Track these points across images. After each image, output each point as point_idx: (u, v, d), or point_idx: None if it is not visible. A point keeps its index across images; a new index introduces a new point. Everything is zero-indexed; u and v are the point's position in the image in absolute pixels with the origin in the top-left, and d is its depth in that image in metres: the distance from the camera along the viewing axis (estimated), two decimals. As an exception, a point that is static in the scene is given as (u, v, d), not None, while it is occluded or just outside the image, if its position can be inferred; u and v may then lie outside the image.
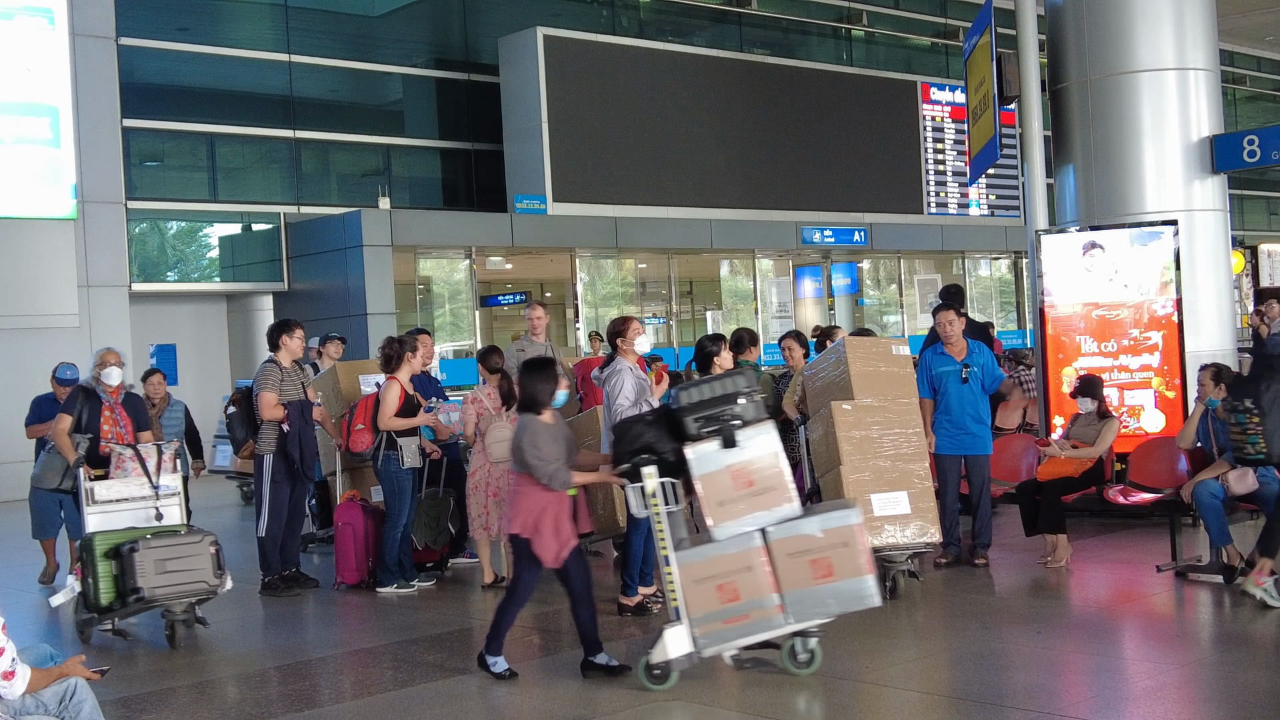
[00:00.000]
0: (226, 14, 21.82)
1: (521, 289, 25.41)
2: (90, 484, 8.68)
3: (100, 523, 8.56)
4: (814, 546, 6.73)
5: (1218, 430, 9.04)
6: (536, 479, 6.93)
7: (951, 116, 28.41)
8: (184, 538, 8.32)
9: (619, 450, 6.96)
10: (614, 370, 8.65)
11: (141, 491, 8.73)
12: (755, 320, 25.77)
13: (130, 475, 8.76)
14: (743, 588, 6.69)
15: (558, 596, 9.73)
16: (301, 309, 20.58)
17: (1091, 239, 11.48)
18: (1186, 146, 12.00)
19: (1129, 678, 6.94)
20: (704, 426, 6.83)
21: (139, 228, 20.44)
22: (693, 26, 26.64)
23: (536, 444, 6.91)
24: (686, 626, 6.69)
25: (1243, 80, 38.14)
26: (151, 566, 8.10)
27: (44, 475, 9.82)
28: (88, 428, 9.35)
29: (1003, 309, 30.55)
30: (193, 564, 8.23)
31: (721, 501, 6.80)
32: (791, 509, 6.85)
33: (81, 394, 9.55)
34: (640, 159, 23.36)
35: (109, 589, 8.24)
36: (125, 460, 8.81)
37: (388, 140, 23.07)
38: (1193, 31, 12.10)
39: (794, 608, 6.71)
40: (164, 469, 8.84)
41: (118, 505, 8.64)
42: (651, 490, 6.83)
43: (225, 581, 8.41)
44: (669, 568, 6.73)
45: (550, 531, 6.94)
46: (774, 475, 6.86)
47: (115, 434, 9.46)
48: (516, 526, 6.99)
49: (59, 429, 9.39)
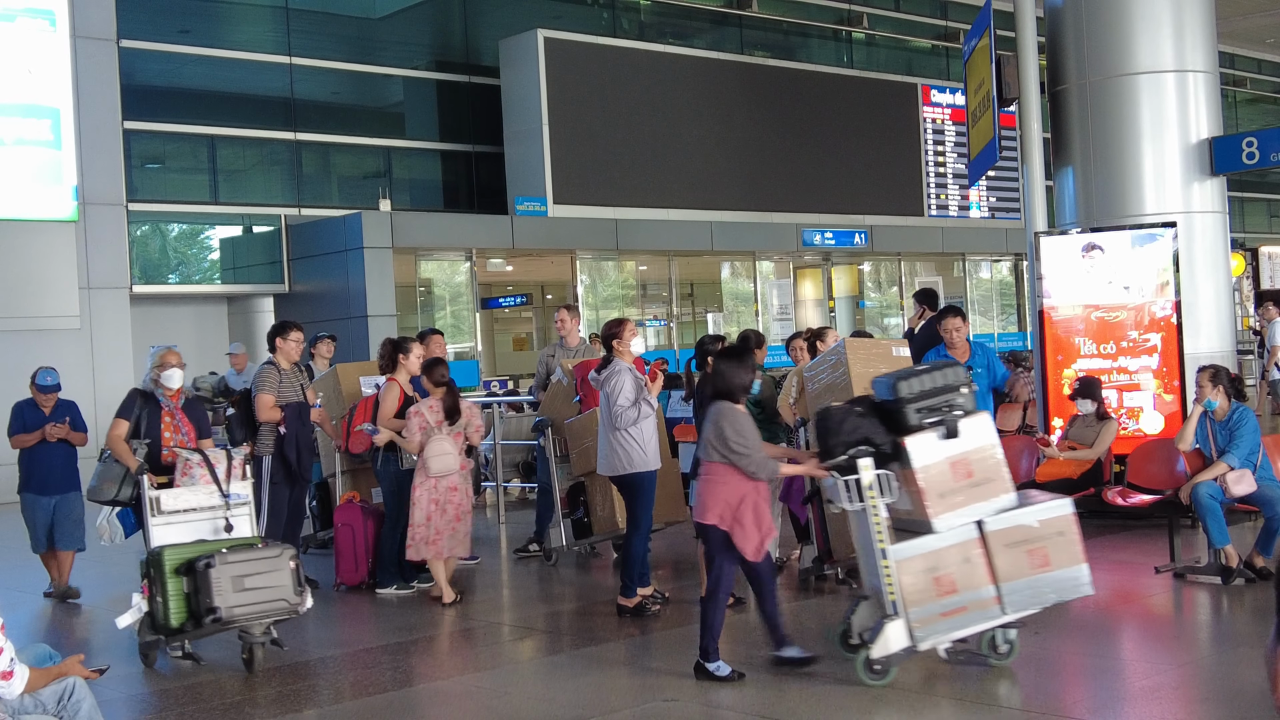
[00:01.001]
0: (227, 16, 21.85)
1: (522, 291, 25.43)
2: (155, 493, 7.96)
3: (167, 535, 7.83)
4: (1031, 536, 6.75)
5: (1216, 432, 9.06)
6: (742, 468, 6.78)
7: (952, 119, 28.42)
8: (262, 551, 7.63)
9: (832, 442, 6.78)
10: (613, 371, 8.67)
11: (211, 500, 8.01)
12: (756, 322, 25.79)
13: (198, 483, 8.03)
14: (960, 580, 6.67)
15: (558, 597, 9.76)
16: (302, 311, 20.59)
17: (1090, 240, 11.49)
18: (1185, 149, 12.02)
19: (1127, 678, 6.95)
20: (926, 417, 6.78)
21: (140, 229, 20.45)
22: (693, 29, 26.66)
23: (743, 432, 6.80)
24: (904, 620, 6.62)
25: (1243, 83, 38.14)
26: (229, 584, 7.38)
27: (101, 485, 8.75)
28: (146, 434, 8.50)
29: (1003, 311, 30.56)
30: (272, 580, 7.53)
31: (942, 493, 6.74)
32: (1009, 499, 6.84)
33: (139, 398, 8.67)
34: (641, 161, 23.38)
35: (180, 609, 7.49)
36: (192, 466, 8.06)
37: (388, 142, 23.08)
38: (1192, 34, 12.12)
39: (1010, 598, 6.70)
40: (234, 476, 8.12)
41: (185, 516, 7.94)
42: (869, 482, 6.72)
43: (306, 599, 7.74)
44: (885, 561, 6.63)
45: (752, 522, 6.82)
46: (993, 465, 6.85)
47: (177, 441, 8.59)
48: (713, 518, 6.81)
49: (114, 435, 8.49)
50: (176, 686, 7.55)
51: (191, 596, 7.44)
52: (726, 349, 7.28)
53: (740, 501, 6.81)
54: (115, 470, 8.53)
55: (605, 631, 8.30)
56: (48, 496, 10.41)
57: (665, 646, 7.91)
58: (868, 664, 6.62)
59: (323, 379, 11.54)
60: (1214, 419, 9.07)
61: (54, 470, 10.44)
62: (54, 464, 10.44)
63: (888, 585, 6.63)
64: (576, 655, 7.79)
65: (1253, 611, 8.10)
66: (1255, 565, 8.72)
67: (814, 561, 8.99)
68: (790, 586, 9.46)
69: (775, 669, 6.97)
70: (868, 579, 7.08)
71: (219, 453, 8.17)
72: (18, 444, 10.46)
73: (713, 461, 6.88)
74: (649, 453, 8.67)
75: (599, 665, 7.59)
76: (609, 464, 8.70)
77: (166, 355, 8.68)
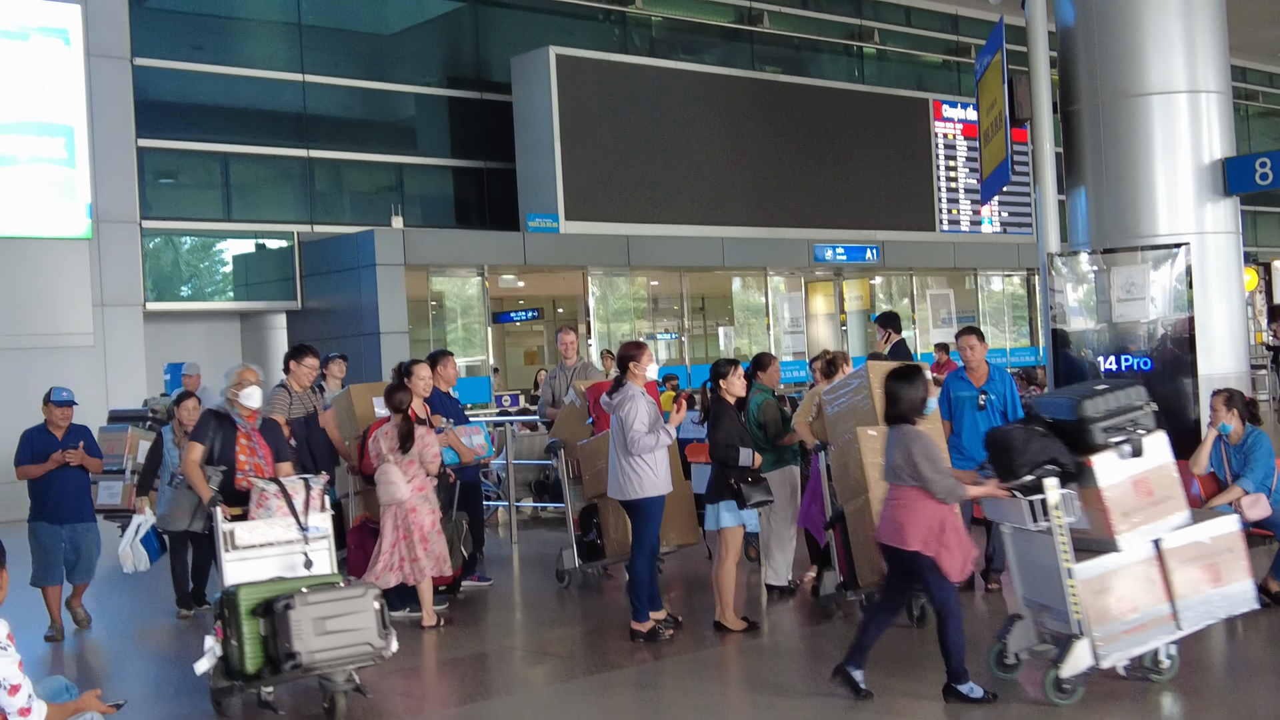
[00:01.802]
0: (240, 33, 21.93)
1: (534, 306, 25.45)
2: (229, 526, 7.38)
3: (242, 572, 7.27)
4: (1204, 553, 6.92)
5: (1230, 456, 9.03)
6: (933, 492, 6.78)
7: (963, 134, 28.41)
8: (344, 591, 7.10)
9: (1018, 463, 6.81)
10: (627, 396, 8.62)
11: (288, 534, 7.46)
12: (767, 336, 25.79)
13: (274, 514, 7.48)
14: (1140, 597, 6.81)
15: (570, 620, 9.75)
16: (315, 327, 20.64)
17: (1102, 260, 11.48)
18: (1198, 169, 11.99)
19: (1139, 703, 6.93)
20: (1111, 436, 6.86)
21: (153, 246, 20.52)
22: (704, 45, 26.70)
23: (933, 456, 6.82)
24: (1089, 639, 6.70)
25: (1255, 96, 38.09)
26: (310, 626, 6.84)
27: (172, 515, 8.31)
28: (221, 458, 7.86)
29: (1015, 324, 30.52)
30: (356, 623, 6.99)
31: (1126, 512, 6.86)
32: (1184, 516, 6.98)
33: (213, 419, 8.04)
34: (652, 177, 23.40)
35: (256, 652, 6.99)
36: (269, 497, 7.52)
37: (401, 159, 23.14)
38: (1204, 54, 12.09)
39: (1185, 614, 6.86)
40: (312, 507, 7.57)
41: (261, 551, 7.38)
42: (1055, 502, 6.76)
43: (391, 642, 7.20)
44: (1071, 581, 6.71)
45: (956, 544, 6.82)
46: (1171, 483, 7.00)
47: (253, 465, 7.95)
48: (916, 544, 6.77)
49: (189, 460, 7.82)
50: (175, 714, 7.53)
51: (269, 640, 6.94)
52: (895, 371, 7.24)
53: (942, 526, 6.81)
54: (188, 499, 8.09)
55: (618, 656, 8.29)
56: (61, 526, 9.83)
57: (679, 672, 7.90)
58: (1057, 683, 6.70)
59: (336, 400, 11.55)
60: (1228, 443, 9.05)
61: (68, 497, 9.87)
62: (68, 491, 9.86)
63: (1074, 605, 6.72)
64: (590, 681, 7.78)
65: (1268, 637, 8.07)
66: (1270, 590, 8.69)
67: (837, 588, 8.95)
68: (802, 609, 9.45)
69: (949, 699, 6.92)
70: (1027, 598, 7.15)
71: (297, 482, 7.66)
72: (24, 475, 9.80)
73: (904, 485, 6.88)
74: (660, 477, 8.67)
75: (612, 691, 7.58)
76: (620, 488, 8.69)
77: (245, 373, 8.11)
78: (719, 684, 7.82)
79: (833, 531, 8.96)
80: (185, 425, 10.31)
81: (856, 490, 8.68)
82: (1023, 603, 7.20)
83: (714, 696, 7.42)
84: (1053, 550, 6.79)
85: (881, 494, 8.51)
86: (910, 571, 6.90)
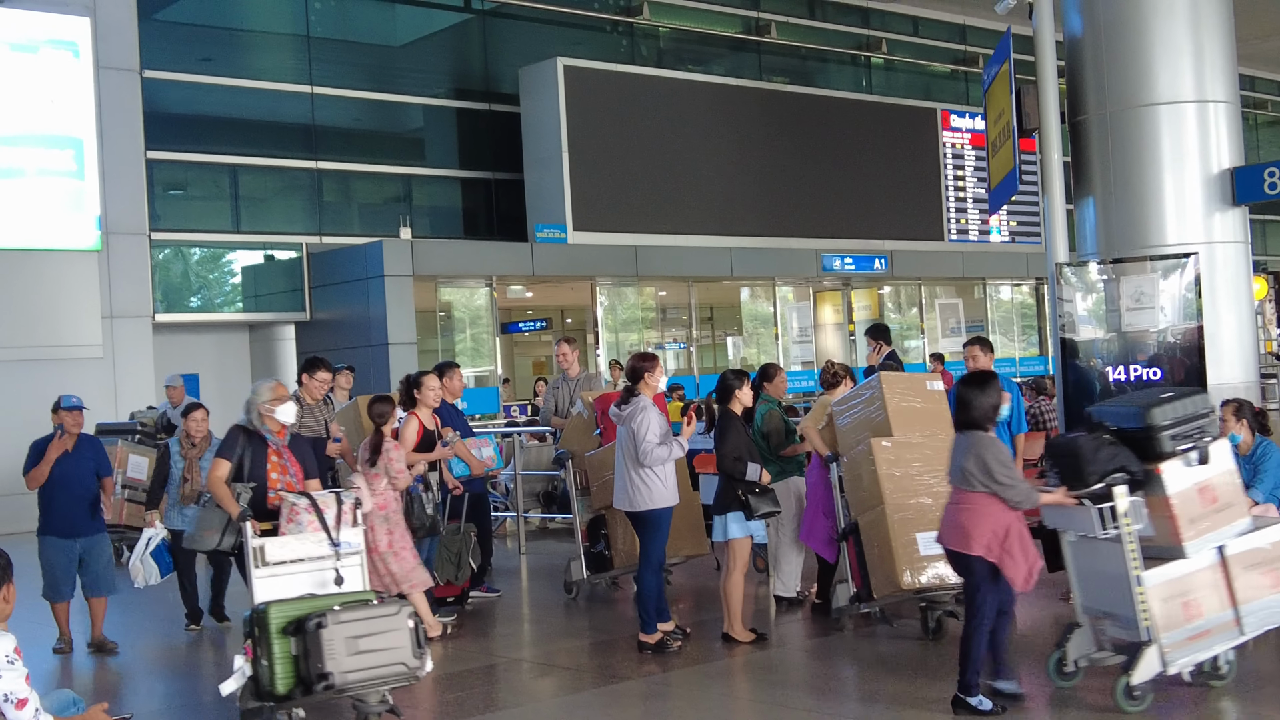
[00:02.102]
0: (249, 45, 21.99)
1: (542, 316, 25.46)
2: (259, 541, 7.20)
3: (272, 589, 7.07)
4: (1266, 558, 7.04)
5: (1240, 466, 8.98)
6: (1007, 499, 6.77)
7: (972, 143, 28.41)
8: (378, 609, 6.84)
9: (1088, 470, 6.88)
10: (639, 408, 8.59)
11: (319, 550, 7.27)
12: (776, 345, 25.78)
13: (305, 530, 7.30)
14: (1205, 604, 6.88)
15: (578, 632, 9.74)
16: (323, 338, 20.68)
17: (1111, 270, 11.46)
18: (1207, 179, 11.97)
19: (1201, 707, 6.90)
20: (1180, 444, 6.93)
21: (162, 257, 20.56)
22: (712, 55, 26.72)
23: (1006, 462, 6.83)
24: (1158, 646, 6.74)
25: (1264, 105, 38.06)
26: (342, 645, 6.60)
27: (200, 534, 7.95)
28: (250, 475, 7.72)
29: (1024, 333, 30.47)
30: (389, 641, 6.74)
31: (1193, 519, 6.93)
32: (1246, 522, 7.09)
33: (242, 435, 7.85)
34: (660, 187, 23.41)
35: (287, 673, 6.74)
36: (299, 512, 7.34)
37: (409, 170, 23.19)
38: (1212, 64, 12.07)
39: (1248, 619, 6.96)
40: (344, 522, 7.39)
41: (292, 567, 7.20)
42: (1124, 510, 6.81)
43: (426, 662, 6.95)
44: (1140, 588, 6.75)
45: (1020, 552, 6.81)
46: (1234, 490, 7.13)
47: (284, 484, 7.80)
48: (980, 549, 6.77)
49: (215, 476, 7.67)
50: None
51: (300, 659, 6.68)
52: (969, 378, 7.28)
53: (1007, 532, 6.80)
54: (216, 517, 7.83)
55: (626, 668, 8.28)
56: (72, 540, 9.60)
57: (687, 684, 7.89)
58: (1128, 690, 6.72)
59: (344, 411, 11.55)
60: (1238, 453, 9.00)
61: (78, 510, 9.62)
62: (77, 503, 9.62)
63: (1143, 612, 6.76)
64: (599, 694, 7.76)
65: (1277, 649, 8.03)
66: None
67: (851, 600, 8.92)
68: (811, 621, 9.43)
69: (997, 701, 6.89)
70: (1087, 606, 7.18)
71: (327, 497, 7.47)
72: (34, 480, 9.54)
73: (973, 491, 6.85)
74: (669, 488, 8.65)
75: (621, 703, 7.57)
76: (628, 499, 8.66)
77: (279, 387, 7.92)
78: (727, 696, 7.80)
79: (847, 544, 8.93)
80: (193, 437, 10.29)
81: (871, 502, 8.65)
82: (1081, 611, 7.24)
83: (722, 709, 7.40)
84: (1119, 558, 6.84)
85: (897, 505, 8.52)
86: (969, 573, 6.89)
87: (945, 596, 8.54)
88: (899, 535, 8.42)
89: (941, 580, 8.39)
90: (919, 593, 8.47)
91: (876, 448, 8.63)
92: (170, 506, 10.40)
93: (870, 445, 8.67)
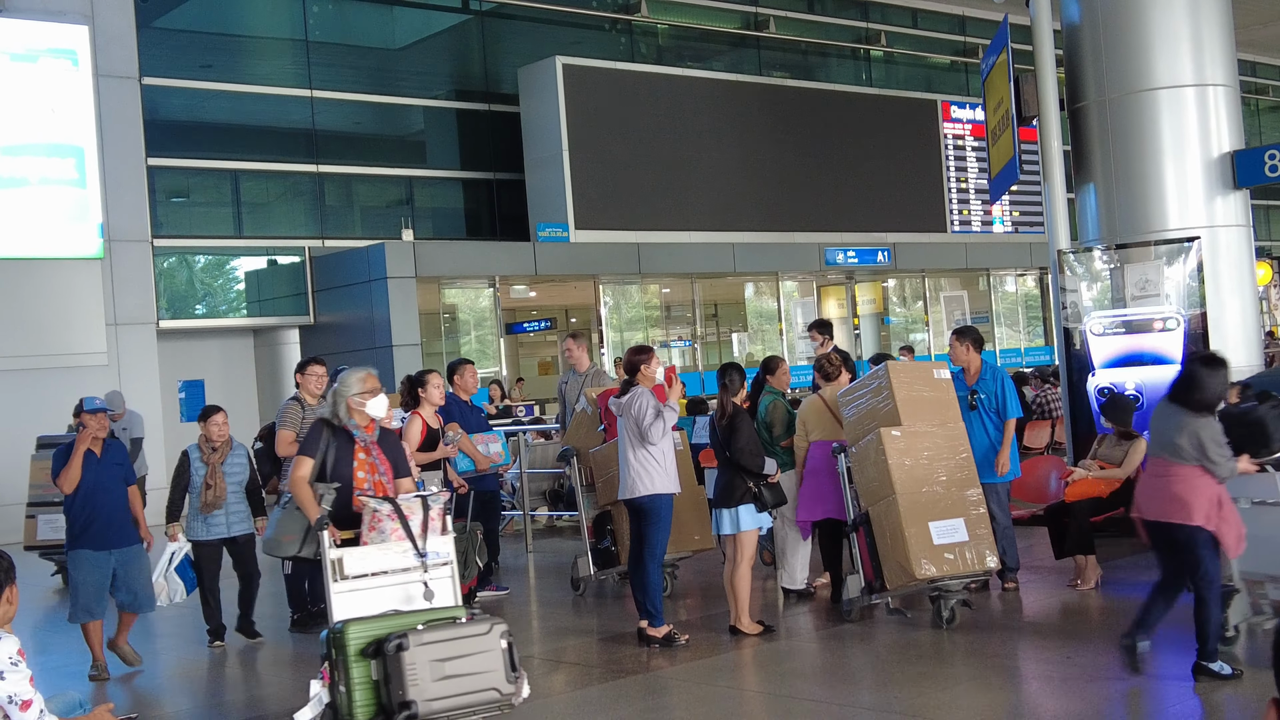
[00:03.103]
0: (248, 51, 22.02)
1: (546, 316, 25.48)
2: (337, 553, 6.46)
3: (352, 606, 6.35)
4: None
5: (1245, 448, 8.98)
6: (1216, 474, 6.92)
7: (972, 134, 28.39)
8: (467, 628, 6.14)
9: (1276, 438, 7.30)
10: (635, 395, 8.66)
11: (404, 561, 6.54)
12: (780, 341, 25.77)
13: (389, 538, 6.58)
14: None
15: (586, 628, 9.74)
16: (328, 342, 20.69)
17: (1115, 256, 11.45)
18: (1208, 163, 11.95)
19: (1164, 701, 6.89)
20: None
21: (166, 264, 20.59)
22: (711, 51, 26.72)
23: (1221, 442, 6.97)
24: None
25: (1265, 91, 37.99)
26: (427, 670, 5.93)
27: (279, 540, 7.17)
28: (334, 475, 6.92)
29: (1029, 324, 30.44)
30: (480, 664, 6.07)
31: None
32: None
33: (325, 430, 7.05)
34: (661, 184, 23.42)
35: (367, 700, 6.05)
36: (382, 519, 6.61)
37: (410, 172, 23.21)
38: (1210, 47, 12.06)
39: None
40: (431, 529, 6.66)
41: (374, 581, 6.49)
42: None
43: (522, 687, 6.29)
44: None
45: (1233, 518, 6.95)
46: None
47: (373, 483, 6.99)
48: (1200, 518, 6.88)
49: (298, 476, 6.88)
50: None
51: (381, 685, 6.01)
52: (1205, 358, 7.42)
53: (1220, 501, 6.94)
54: (297, 521, 7.00)
55: (635, 663, 8.27)
56: (106, 552, 8.82)
57: (695, 678, 7.88)
58: None
59: (348, 413, 11.57)
60: (1243, 436, 8.99)
61: (116, 518, 8.86)
62: (116, 511, 8.86)
63: None
64: (607, 688, 7.76)
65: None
66: None
67: (861, 591, 8.91)
68: (818, 612, 9.41)
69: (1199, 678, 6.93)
70: (1246, 571, 7.39)
71: (413, 501, 6.71)
72: (66, 480, 8.76)
73: (1183, 464, 6.97)
74: (670, 474, 8.65)
75: (629, 698, 7.56)
76: (630, 487, 8.65)
77: (370, 378, 7.12)
78: (736, 689, 7.79)
79: (857, 535, 8.91)
80: (213, 441, 9.65)
81: (882, 492, 8.63)
82: (1239, 576, 7.39)
83: (731, 701, 7.39)
84: None
85: (909, 494, 8.49)
86: (1181, 545, 6.96)
87: (956, 585, 8.52)
88: (912, 524, 8.39)
89: (957, 569, 8.37)
90: (933, 582, 8.45)
91: (886, 437, 8.61)
92: (191, 516, 9.78)
93: (880, 435, 8.64)
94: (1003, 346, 28.99)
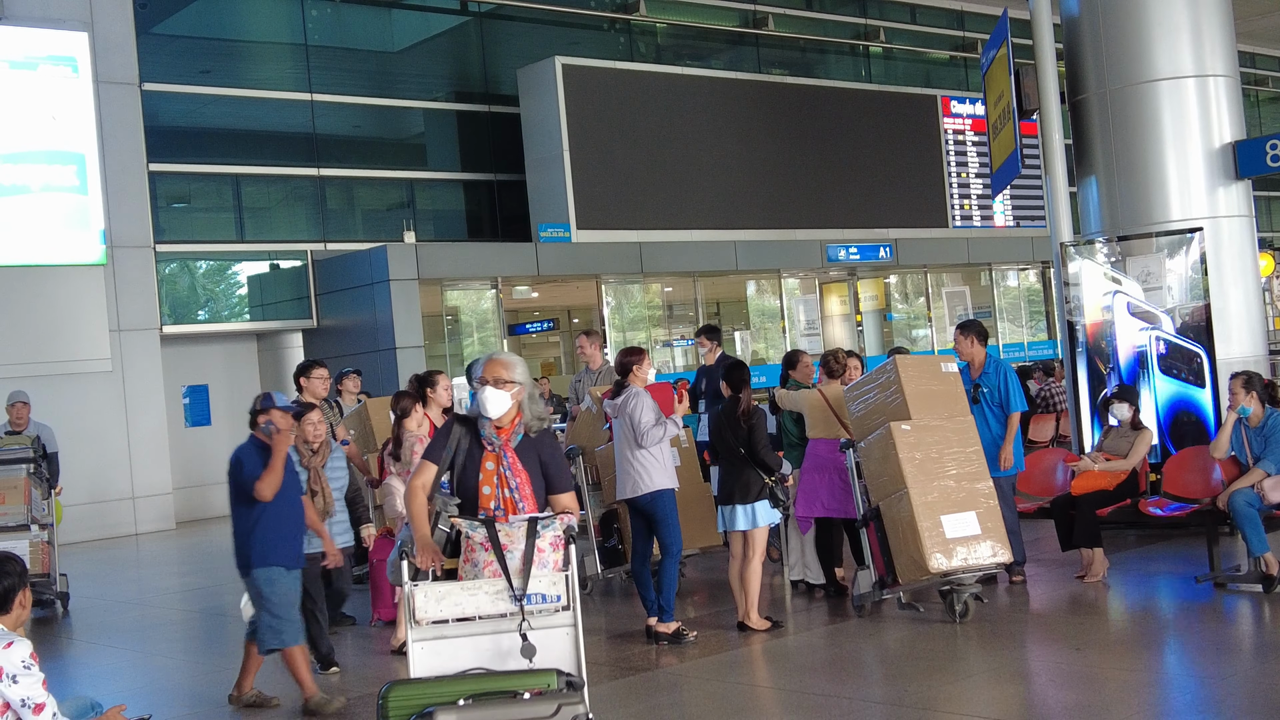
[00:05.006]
0: (247, 55, 22.01)
1: (549, 316, 25.48)
2: (413, 587, 5.19)
3: (429, 660, 5.19)
4: None
5: (1251, 439, 8.99)
6: None
7: (973, 129, 28.38)
8: (526, 707, 4.90)
9: None
10: (630, 394, 8.73)
11: (495, 605, 5.20)
12: (783, 338, 25.76)
13: (481, 572, 5.31)
14: None
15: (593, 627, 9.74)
16: (331, 345, 20.70)
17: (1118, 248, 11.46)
18: (1209, 153, 11.96)
19: (1171, 692, 6.89)
20: None
21: (168, 270, 20.61)
22: (710, 49, 26.72)
23: None
24: None
25: (1265, 82, 37.96)
26: None
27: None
28: (459, 488, 5.70)
29: (1032, 319, 30.42)
30: None
31: None
32: None
33: (458, 428, 5.78)
34: (662, 183, 23.42)
35: None
36: (474, 546, 5.34)
37: (411, 174, 23.20)
38: (1210, 38, 12.07)
39: None
40: (540, 563, 5.31)
41: (459, 628, 5.21)
42: None
43: None
44: None
45: None
46: None
47: (502, 500, 5.61)
48: None
49: (415, 485, 5.64)
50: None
51: None
52: None
53: None
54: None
55: (644, 660, 8.28)
56: (297, 570, 7.63)
57: (705, 674, 7.88)
58: None
59: (352, 415, 11.60)
60: (1248, 426, 9.01)
61: (299, 533, 7.73)
62: (298, 525, 7.73)
63: None
64: (617, 685, 7.76)
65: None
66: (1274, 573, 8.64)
67: (873, 586, 8.91)
68: (827, 607, 9.41)
69: None
70: None
71: (516, 528, 5.35)
72: (269, 486, 7.34)
73: None
74: (668, 470, 8.72)
75: (639, 695, 7.57)
76: (631, 486, 8.68)
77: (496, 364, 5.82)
78: (746, 684, 7.80)
79: (868, 530, 8.91)
80: (311, 442, 8.63)
81: (893, 486, 8.62)
82: None
83: (742, 697, 7.39)
84: None
85: (921, 488, 8.48)
86: None
87: (969, 579, 8.51)
88: (924, 518, 8.38)
89: (968, 563, 8.36)
90: (946, 576, 8.45)
91: (896, 431, 8.61)
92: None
93: (889, 429, 8.63)
94: (1005, 341, 28.98)
